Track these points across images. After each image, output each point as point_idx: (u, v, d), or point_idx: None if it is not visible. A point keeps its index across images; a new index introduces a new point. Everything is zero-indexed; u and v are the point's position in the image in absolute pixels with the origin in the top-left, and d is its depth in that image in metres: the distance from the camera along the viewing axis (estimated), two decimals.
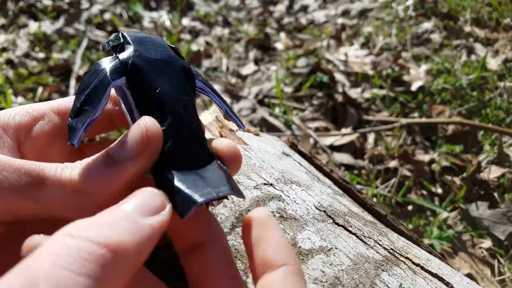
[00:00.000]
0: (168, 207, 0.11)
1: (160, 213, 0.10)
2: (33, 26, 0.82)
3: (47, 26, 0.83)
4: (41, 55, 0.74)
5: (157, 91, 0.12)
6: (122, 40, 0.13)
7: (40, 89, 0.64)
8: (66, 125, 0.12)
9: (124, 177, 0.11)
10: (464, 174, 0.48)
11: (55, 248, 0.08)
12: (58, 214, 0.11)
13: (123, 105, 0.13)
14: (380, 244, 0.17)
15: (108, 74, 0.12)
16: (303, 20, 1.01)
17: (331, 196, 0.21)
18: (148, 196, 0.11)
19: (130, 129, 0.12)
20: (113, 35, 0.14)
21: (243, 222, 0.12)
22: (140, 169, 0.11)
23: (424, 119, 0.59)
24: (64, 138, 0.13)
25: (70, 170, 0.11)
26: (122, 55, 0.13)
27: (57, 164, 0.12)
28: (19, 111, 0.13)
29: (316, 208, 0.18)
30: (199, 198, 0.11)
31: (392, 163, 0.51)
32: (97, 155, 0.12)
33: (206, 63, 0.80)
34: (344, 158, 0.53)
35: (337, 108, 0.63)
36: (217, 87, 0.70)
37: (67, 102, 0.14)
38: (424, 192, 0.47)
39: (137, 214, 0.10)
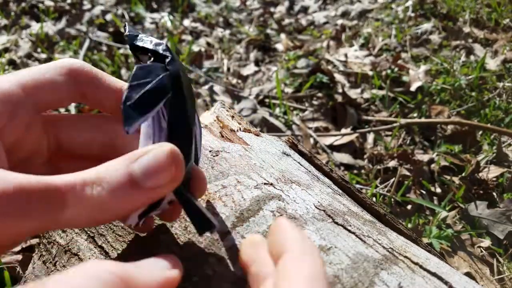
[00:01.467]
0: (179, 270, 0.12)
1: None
2: (35, 27, 0.82)
3: (49, 27, 0.83)
4: (43, 56, 0.74)
5: (187, 113, 0.12)
6: (167, 51, 0.13)
7: None
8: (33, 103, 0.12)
9: (148, 199, 0.12)
10: (463, 174, 0.49)
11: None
12: (73, 227, 0.11)
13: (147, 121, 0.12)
14: (379, 243, 0.17)
15: (166, 86, 0.12)
16: (303, 21, 1.02)
17: (331, 195, 0.21)
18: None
19: (158, 156, 0.12)
20: (150, 39, 0.13)
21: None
22: (165, 193, 0.12)
23: (423, 119, 0.59)
24: (37, 122, 0.13)
25: (91, 190, 0.11)
26: (172, 68, 0.12)
27: (73, 180, 0.11)
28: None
29: (316, 207, 0.19)
30: (215, 224, 0.12)
31: (392, 163, 0.52)
32: (113, 168, 0.11)
33: (207, 64, 0.81)
34: (344, 158, 0.53)
35: (337, 108, 0.64)
36: (218, 87, 0.71)
37: (30, 75, 0.13)
38: (423, 192, 0.47)
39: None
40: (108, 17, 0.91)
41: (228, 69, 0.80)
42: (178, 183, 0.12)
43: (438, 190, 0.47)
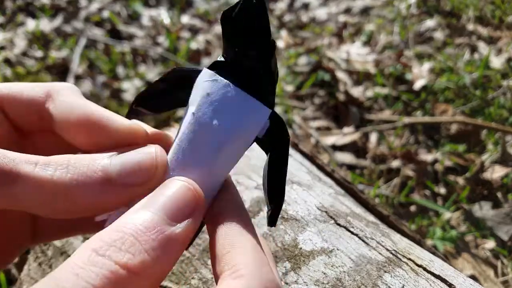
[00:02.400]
0: (199, 212, 0.10)
1: (192, 214, 0.10)
2: (31, 24, 0.82)
3: (45, 24, 0.82)
4: (39, 53, 0.73)
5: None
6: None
7: None
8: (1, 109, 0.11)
9: (118, 197, 0.10)
10: (467, 174, 0.48)
11: (80, 262, 0.08)
12: (30, 210, 0.10)
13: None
14: (382, 245, 0.16)
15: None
16: (304, 18, 1.01)
17: (333, 196, 0.20)
18: (179, 194, 0.10)
19: (141, 154, 0.11)
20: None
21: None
22: (138, 195, 0.10)
23: (426, 118, 0.58)
24: (3, 124, 0.12)
25: (53, 170, 0.10)
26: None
27: (36, 159, 0.10)
28: None
29: (318, 208, 0.18)
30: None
31: (395, 163, 0.51)
32: (91, 161, 0.10)
33: (205, 61, 0.80)
34: (346, 157, 0.52)
35: (338, 107, 0.63)
36: None
37: (3, 85, 0.12)
38: (427, 192, 0.46)
39: (164, 222, 0.09)
40: (105, 14, 0.90)
41: None
42: (159, 183, 0.10)
43: (442, 190, 0.47)
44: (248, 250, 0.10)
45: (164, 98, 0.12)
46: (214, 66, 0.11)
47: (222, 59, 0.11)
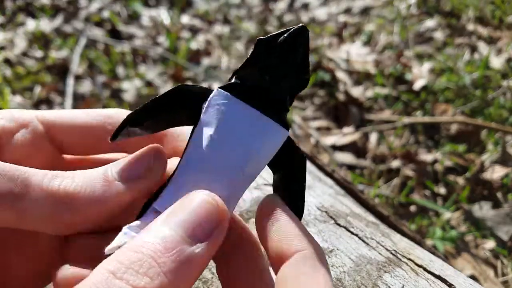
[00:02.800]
0: (227, 218, 0.09)
1: (215, 232, 0.09)
2: (31, 24, 0.82)
3: (45, 25, 0.82)
4: (39, 53, 0.73)
5: None
6: None
7: (38, 88, 0.63)
8: (48, 136, 0.12)
9: (123, 200, 0.11)
10: (467, 174, 0.48)
11: (98, 285, 0.08)
12: (37, 227, 0.10)
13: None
14: (382, 245, 0.17)
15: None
16: (304, 18, 1.01)
17: (333, 196, 0.20)
18: (200, 209, 0.09)
19: (140, 152, 0.11)
20: None
21: (256, 214, 0.11)
22: (144, 189, 0.11)
23: (426, 118, 0.58)
24: (46, 150, 0.12)
25: (60, 180, 0.10)
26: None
27: (44, 171, 0.10)
28: (5, 114, 0.12)
29: (318, 208, 0.18)
30: None
31: (395, 163, 0.51)
32: (93, 171, 0.11)
33: (205, 61, 0.80)
34: (346, 157, 0.53)
35: (338, 107, 0.63)
36: (217, 85, 0.70)
37: (53, 113, 0.13)
38: (427, 193, 0.46)
39: (183, 241, 0.09)
40: (105, 14, 0.90)
41: (228, 67, 0.79)
42: (157, 177, 0.11)
43: (442, 190, 0.47)
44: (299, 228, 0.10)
45: (165, 116, 0.12)
46: (230, 88, 0.11)
47: (237, 80, 0.11)
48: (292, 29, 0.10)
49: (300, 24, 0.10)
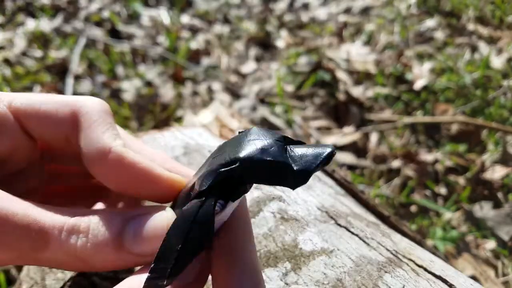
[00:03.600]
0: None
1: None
2: (30, 24, 0.82)
3: (45, 24, 0.82)
4: (39, 53, 0.73)
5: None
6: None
7: (37, 88, 0.63)
8: (16, 121, 0.11)
9: (134, 264, 0.11)
10: (468, 174, 0.48)
11: None
12: (52, 267, 0.11)
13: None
14: (383, 246, 0.16)
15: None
16: (305, 18, 1.01)
17: (333, 196, 0.20)
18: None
19: (156, 224, 0.11)
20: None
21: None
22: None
23: (427, 118, 0.58)
24: (14, 134, 0.12)
25: (76, 239, 0.10)
26: None
27: (61, 224, 0.10)
28: None
29: (318, 208, 0.18)
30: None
31: (395, 163, 0.51)
32: (106, 223, 0.11)
33: (205, 61, 0.80)
34: (346, 157, 0.52)
35: (339, 107, 0.63)
36: (217, 85, 0.70)
37: (23, 96, 0.12)
38: (428, 193, 0.46)
39: None
40: (105, 14, 0.90)
41: (227, 66, 0.79)
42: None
43: (443, 190, 0.47)
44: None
45: None
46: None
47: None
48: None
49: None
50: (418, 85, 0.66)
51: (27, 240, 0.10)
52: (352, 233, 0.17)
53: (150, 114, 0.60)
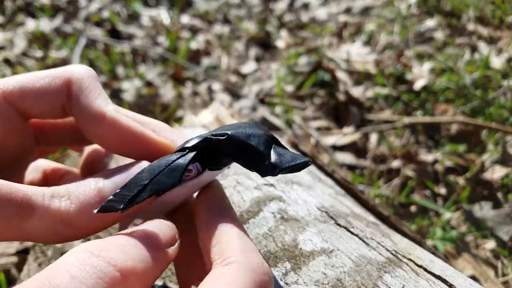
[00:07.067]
0: (178, 242, 0.11)
1: (172, 247, 0.11)
2: (30, 24, 0.82)
3: (45, 24, 0.82)
4: (39, 53, 0.73)
5: None
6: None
7: None
8: (7, 102, 0.12)
9: (117, 220, 0.11)
10: (468, 174, 0.48)
11: (74, 262, 0.09)
12: (39, 240, 0.11)
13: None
14: (382, 246, 0.16)
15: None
16: (305, 18, 1.01)
17: (333, 196, 0.20)
18: (165, 229, 0.11)
19: (133, 173, 0.11)
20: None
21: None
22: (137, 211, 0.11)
23: (427, 118, 0.58)
24: (7, 115, 0.12)
25: (59, 202, 0.11)
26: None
27: (42, 191, 0.11)
28: None
29: (318, 209, 0.18)
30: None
31: (395, 163, 0.51)
32: (84, 184, 0.11)
33: (205, 61, 0.80)
34: (346, 157, 0.52)
35: (339, 107, 0.63)
36: (217, 85, 0.70)
37: (12, 79, 0.13)
38: (427, 193, 0.46)
39: (153, 244, 0.10)
40: (105, 14, 0.90)
41: (227, 67, 0.79)
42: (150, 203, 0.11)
43: (442, 190, 0.47)
44: (234, 239, 0.11)
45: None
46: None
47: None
48: None
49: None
50: (418, 85, 0.66)
51: (13, 207, 0.10)
52: (352, 233, 0.17)
53: (150, 114, 0.60)
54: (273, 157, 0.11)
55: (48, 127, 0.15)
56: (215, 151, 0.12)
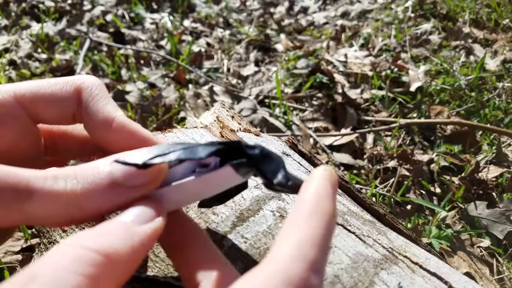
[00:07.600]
0: (161, 218, 0.11)
1: (153, 220, 0.11)
2: (35, 27, 0.83)
3: (50, 27, 0.83)
4: (44, 56, 0.74)
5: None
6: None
7: None
8: (20, 106, 0.12)
9: (126, 200, 0.11)
10: (463, 174, 0.49)
11: (55, 255, 0.09)
12: (45, 223, 0.11)
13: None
14: (379, 243, 0.17)
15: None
16: (303, 22, 1.02)
17: None
18: (143, 207, 0.11)
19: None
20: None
21: None
22: (145, 193, 0.11)
23: (423, 120, 0.59)
24: (18, 119, 0.12)
25: (64, 182, 0.10)
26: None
27: (44, 174, 0.10)
28: None
29: None
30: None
31: (391, 163, 0.52)
32: (91, 165, 0.11)
33: (207, 64, 0.81)
34: (344, 158, 0.53)
35: (336, 108, 0.64)
36: (218, 88, 0.71)
37: (26, 84, 0.13)
38: (423, 192, 0.47)
39: (132, 223, 0.10)
40: (109, 17, 0.91)
41: (228, 69, 0.80)
42: (157, 184, 0.11)
43: (438, 190, 0.47)
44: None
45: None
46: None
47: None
48: None
49: None
50: (414, 87, 0.67)
51: (9, 190, 0.10)
52: (349, 231, 0.17)
53: (153, 115, 0.61)
54: (287, 171, 0.12)
55: (57, 136, 0.15)
56: (240, 152, 0.12)
